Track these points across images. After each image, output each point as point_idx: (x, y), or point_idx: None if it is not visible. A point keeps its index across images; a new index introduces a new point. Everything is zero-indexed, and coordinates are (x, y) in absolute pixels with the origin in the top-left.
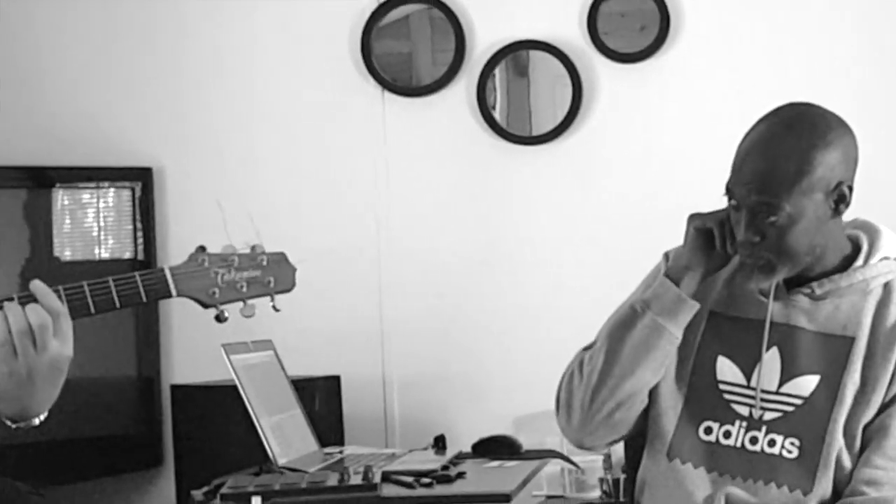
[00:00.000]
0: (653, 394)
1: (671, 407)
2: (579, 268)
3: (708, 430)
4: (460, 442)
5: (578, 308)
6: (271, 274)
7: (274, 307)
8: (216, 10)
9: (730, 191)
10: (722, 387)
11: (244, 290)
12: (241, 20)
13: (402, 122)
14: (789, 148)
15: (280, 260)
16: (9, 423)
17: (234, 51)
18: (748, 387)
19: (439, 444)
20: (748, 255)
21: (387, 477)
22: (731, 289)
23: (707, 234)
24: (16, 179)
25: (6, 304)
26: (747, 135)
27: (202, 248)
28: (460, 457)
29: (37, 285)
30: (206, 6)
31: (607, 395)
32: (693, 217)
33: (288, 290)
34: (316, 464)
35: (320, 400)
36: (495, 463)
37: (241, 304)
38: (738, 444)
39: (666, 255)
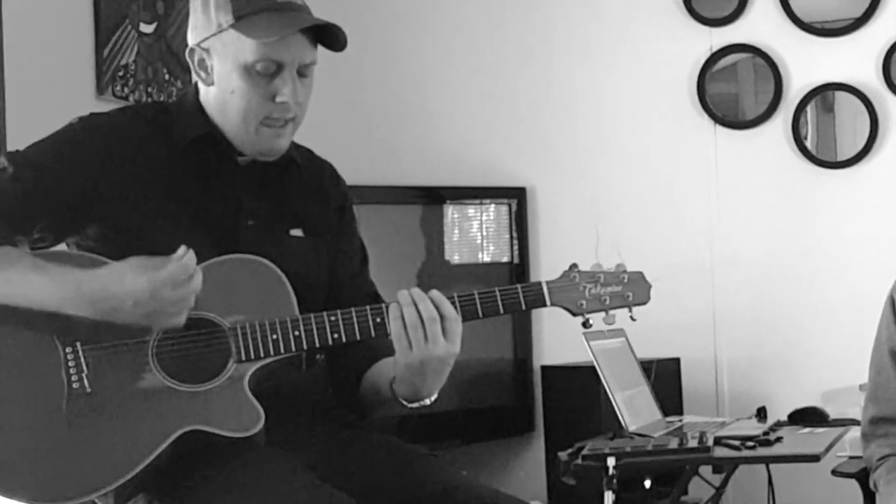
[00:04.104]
0: None
1: None
2: (873, 270)
3: None
4: (778, 412)
5: (869, 304)
6: (631, 289)
7: (631, 317)
8: (583, 55)
9: None
10: None
11: (607, 302)
12: (599, 66)
13: (731, 150)
14: None
15: (638, 278)
16: (404, 402)
17: (592, 92)
18: None
19: (761, 414)
20: None
21: (718, 441)
22: None
23: None
24: (414, 197)
25: (400, 300)
26: None
27: (574, 266)
28: (778, 424)
29: (434, 294)
30: (572, 51)
31: None
32: None
33: (644, 304)
34: (660, 430)
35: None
36: (807, 429)
37: (603, 313)
38: None
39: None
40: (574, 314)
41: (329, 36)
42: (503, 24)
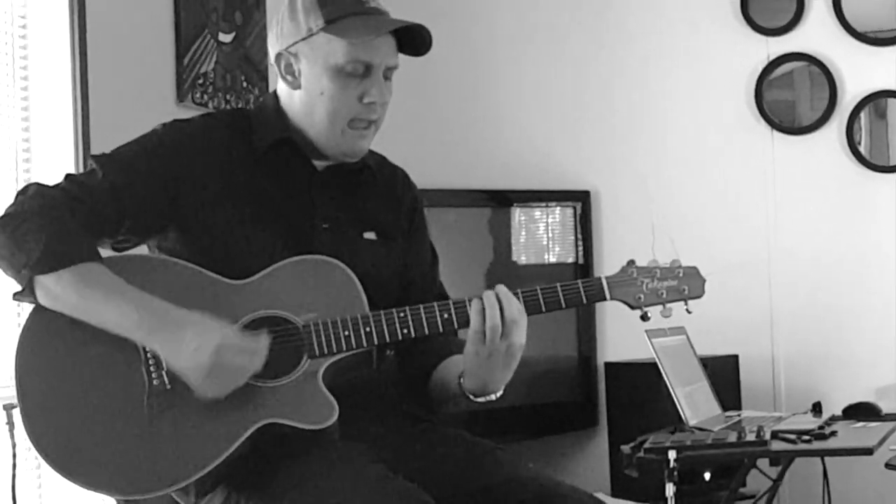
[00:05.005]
0: None
1: None
2: None
3: None
4: (833, 407)
5: None
6: (686, 283)
7: (687, 310)
8: (646, 64)
9: None
10: None
11: (664, 296)
12: (662, 75)
13: (787, 155)
14: None
15: (693, 273)
16: (471, 396)
17: (654, 99)
18: None
19: (816, 408)
20: None
21: (775, 434)
22: None
23: None
24: (482, 200)
25: (485, 300)
26: None
27: (632, 262)
28: (833, 419)
29: (500, 289)
30: (635, 61)
31: None
32: None
33: (699, 297)
34: (719, 424)
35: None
36: (860, 424)
37: (661, 307)
38: None
39: None
40: (632, 308)
41: (412, 42)
42: (569, 33)
